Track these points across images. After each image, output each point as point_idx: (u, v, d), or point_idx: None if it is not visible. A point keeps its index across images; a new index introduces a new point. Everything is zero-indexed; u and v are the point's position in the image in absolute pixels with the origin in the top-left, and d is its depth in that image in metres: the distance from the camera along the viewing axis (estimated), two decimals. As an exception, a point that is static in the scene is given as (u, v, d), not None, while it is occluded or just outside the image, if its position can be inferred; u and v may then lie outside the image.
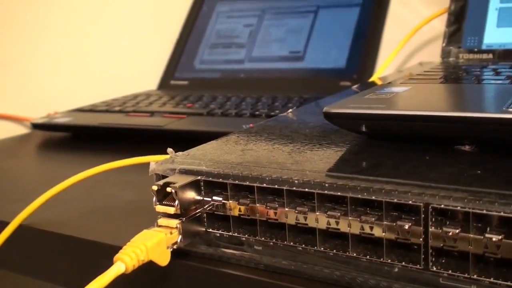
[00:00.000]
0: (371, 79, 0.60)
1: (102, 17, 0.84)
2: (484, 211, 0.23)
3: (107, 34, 0.84)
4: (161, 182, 0.29)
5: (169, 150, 0.32)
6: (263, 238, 0.29)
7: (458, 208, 0.23)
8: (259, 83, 0.77)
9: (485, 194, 0.23)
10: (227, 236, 0.30)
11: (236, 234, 0.30)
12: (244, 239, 0.29)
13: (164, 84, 0.85)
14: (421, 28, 0.63)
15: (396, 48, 0.62)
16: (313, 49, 0.76)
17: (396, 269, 0.25)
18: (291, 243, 0.28)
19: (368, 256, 0.26)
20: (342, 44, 0.74)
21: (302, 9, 0.81)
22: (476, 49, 0.54)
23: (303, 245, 0.28)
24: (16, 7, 0.73)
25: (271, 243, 0.29)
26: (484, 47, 0.54)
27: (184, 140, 0.41)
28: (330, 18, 0.78)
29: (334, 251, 0.27)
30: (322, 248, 0.27)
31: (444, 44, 0.57)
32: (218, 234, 0.30)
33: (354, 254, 0.26)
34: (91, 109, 0.70)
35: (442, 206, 0.23)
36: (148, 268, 0.28)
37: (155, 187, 0.29)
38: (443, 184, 0.24)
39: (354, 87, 0.52)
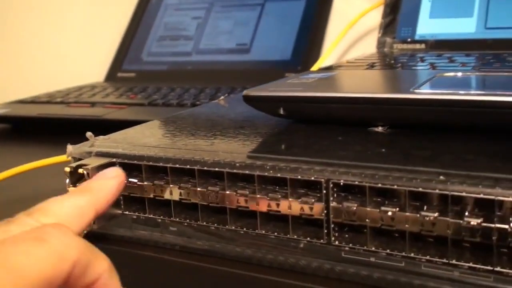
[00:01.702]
0: (311, 69, 0.61)
1: (49, 8, 0.83)
2: (379, 185, 0.23)
3: (55, 26, 0.83)
4: (74, 164, 0.29)
5: (88, 134, 0.32)
6: (177, 219, 0.29)
7: (356, 183, 0.24)
8: (206, 75, 0.77)
9: (380, 170, 0.24)
10: (143, 218, 0.30)
11: (152, 216, 0.30)
12: (160, 220, 0.30)
13: (111, 76, 0.84)
14: (359, 20, 0.64)
15: (335, 40, 0.63)
16: (259, 41, 0.77)
17: (302, 245, 0.26)
18: (204, 223, 0.28)
19: (276, 233, 0.26)
20: (287, 37, 0.75)
21: (249, 2, 0.81)
22: (409, 39, 0.56)
23: (216, 225, 0.28)
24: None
25: (185, 224, 0.29)
26: (417, 37, 0.56)
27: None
28: (276, 11, 0.78)
29: (245, 229, 0.27)
30: (233, 227, 0.27)
31: (379, 35, 0.58)
32: (135, 216, 0.30)
33: (263, 232, 0.27)
34: (33, 101, 0.69)
35: (342, 181, 0.24)
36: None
37: (67, 169, 0.29)
38: (345, 161, 0.25)
39: (290, 76, 0.53)
